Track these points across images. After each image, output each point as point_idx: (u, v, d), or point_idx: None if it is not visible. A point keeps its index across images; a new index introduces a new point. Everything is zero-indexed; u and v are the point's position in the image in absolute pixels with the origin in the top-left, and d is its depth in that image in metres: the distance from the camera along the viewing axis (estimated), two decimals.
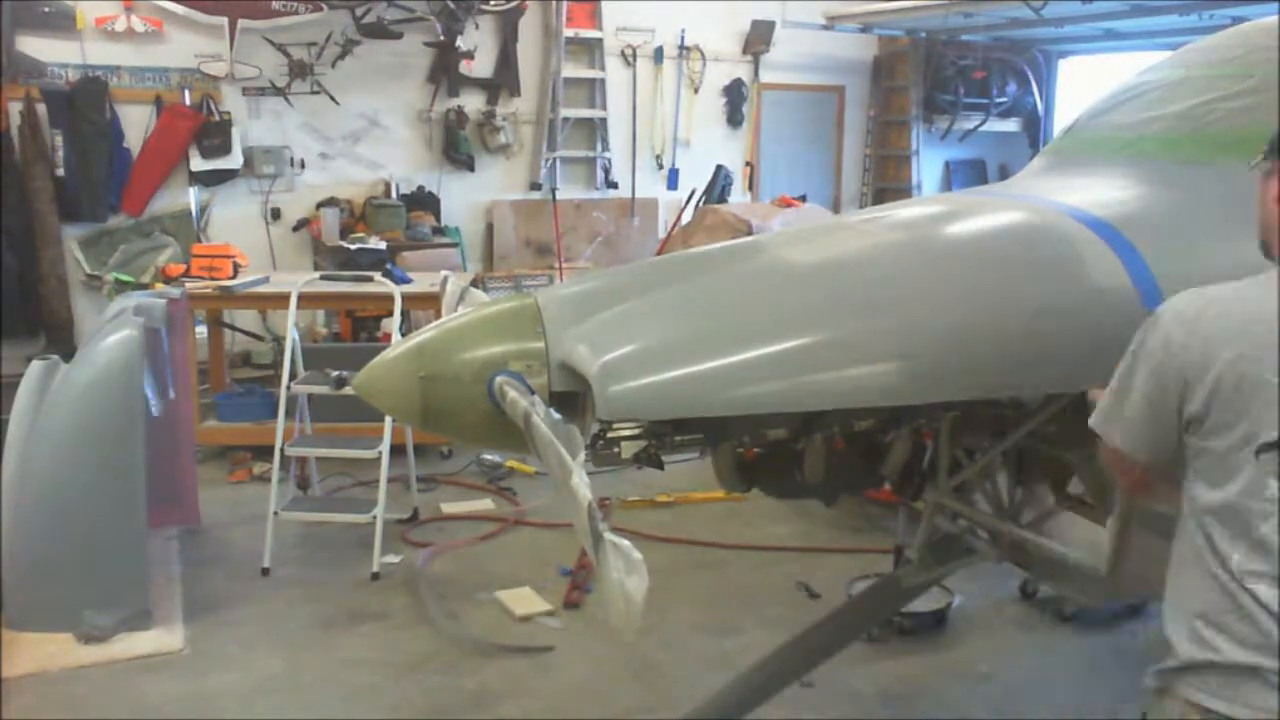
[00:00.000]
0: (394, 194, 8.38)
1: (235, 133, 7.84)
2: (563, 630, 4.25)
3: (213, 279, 6.35)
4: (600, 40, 9.19)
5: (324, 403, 6.17)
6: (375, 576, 4.69)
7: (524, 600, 4.48)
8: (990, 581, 4.51)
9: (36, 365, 4.33)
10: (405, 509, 5.52)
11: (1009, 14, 8.82)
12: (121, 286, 6.49)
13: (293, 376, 5.16)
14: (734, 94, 9.90)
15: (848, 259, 2.53)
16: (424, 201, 8.57)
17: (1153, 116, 2.89)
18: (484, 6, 8.53)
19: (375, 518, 4.80)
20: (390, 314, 7.23)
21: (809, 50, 10.10)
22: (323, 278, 5.98)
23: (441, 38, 8.27)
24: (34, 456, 4.11)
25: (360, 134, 8.44)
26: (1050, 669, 4.07)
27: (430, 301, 6.10)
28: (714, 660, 3.96)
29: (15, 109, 7.21)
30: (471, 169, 8.80)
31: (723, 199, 9.09)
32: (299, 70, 7.94)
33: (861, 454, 2.66)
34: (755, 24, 9.79)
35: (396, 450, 6.17)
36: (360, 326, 7.07)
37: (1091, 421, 1.90)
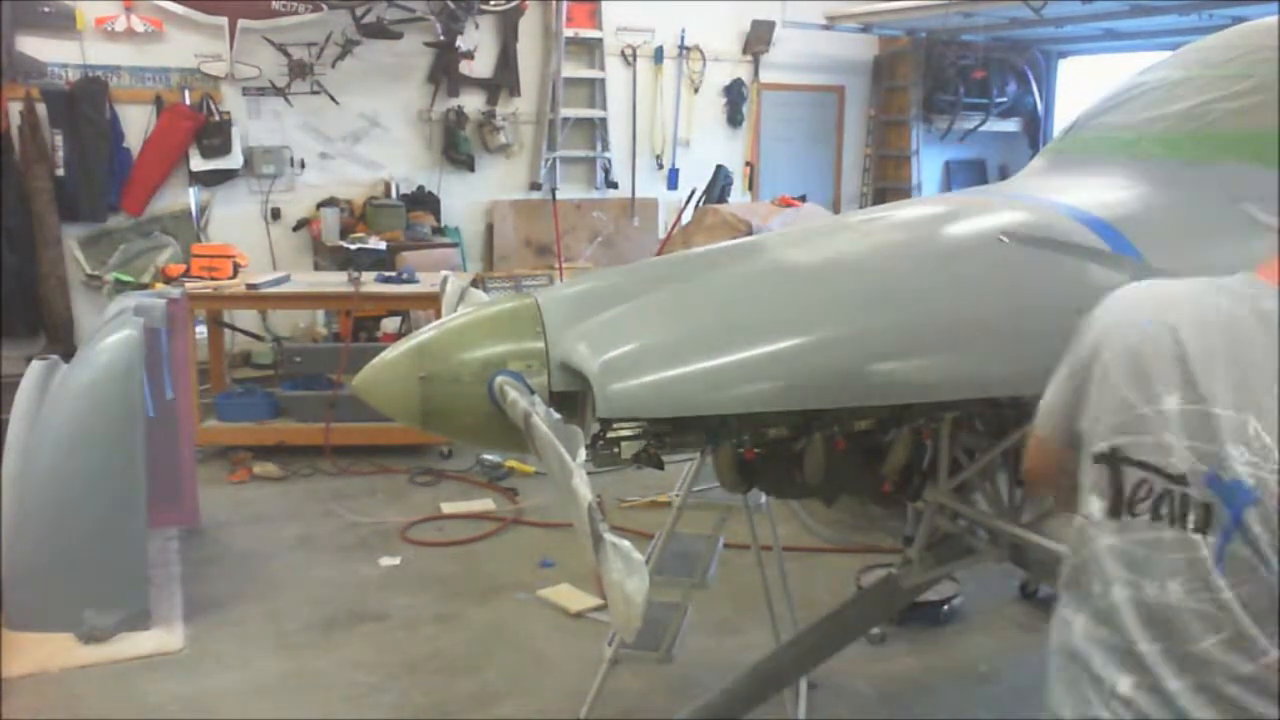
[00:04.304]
0: (394, 194, 8.38)
1: (235, 133, 7.84)
2: (563, 629, 4.26)
3: (213, 279, 6.36)
4: (600, 40, 9.19)
5: (323, 403, 6.20)
6: None
7: (571, 598, 4.49)
8: (990, 581, 4.51)
9: (36, 365, 4.33)
10: (406, 509, 5.53)
11: (1009, 14, 8.82)
12: (121, 286, 6.50)
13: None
14: (734, 94, 9.90)
15: (848, 259, 2.53)
16: (424, 201, 8.57)
17: (1153, 116, 2.89)
18: (484, 6, 8.53)
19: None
20: (389, 314, 7.27)
21: (809, 50, 10.10)
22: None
23: (441, 38, 8.27)
24: (34, 456, 4.11)
25: (360, 134, 8.44)
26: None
27: (430, 301, 6.11)
28: (714, 660, 3.96)
29: (15, 109, 7.21)
30: (471, 169, 8.81)
31: (723, 199, 9.10)
32: (299, 70, 7.94)
33: (861, 454, 2.66)
34: (755, 24, 9.79)
35: (396, 449, 6.22)
36: (360, 326, 7.07)
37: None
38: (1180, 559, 1.31)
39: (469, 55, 8.50)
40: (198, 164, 7.79)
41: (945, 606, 4.31)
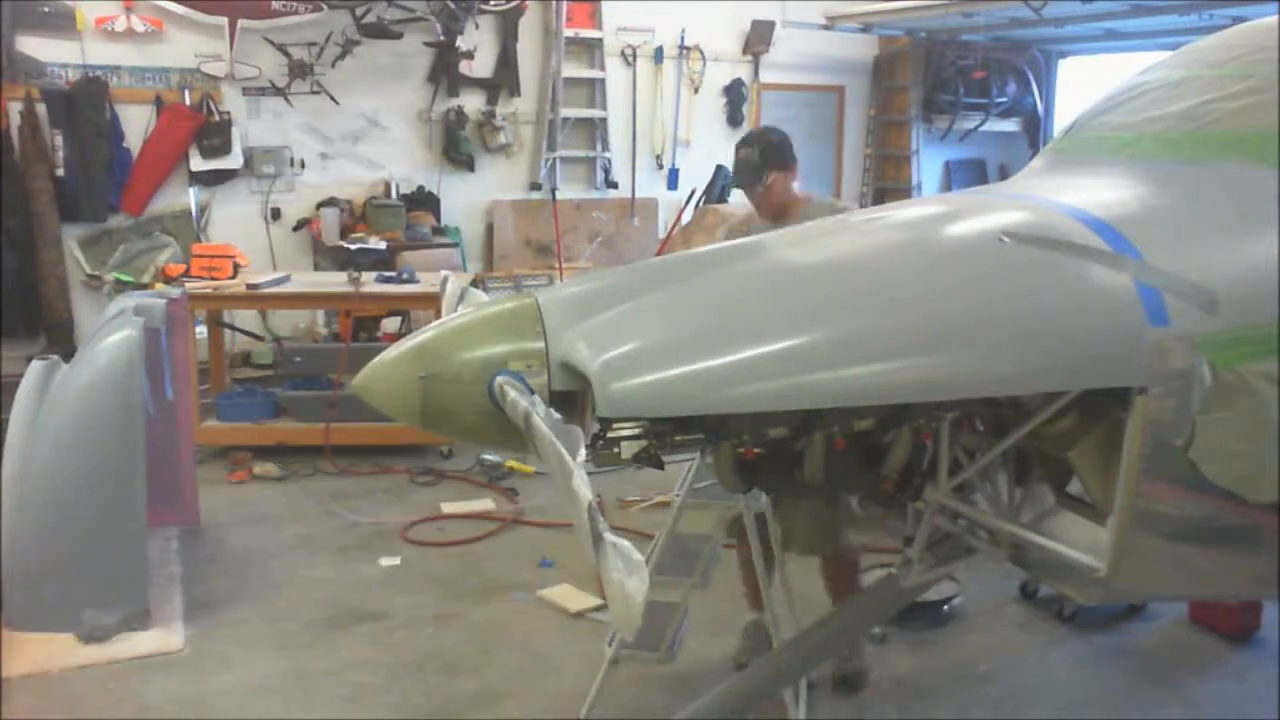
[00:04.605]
0: (394, 194, 8.38)
1: (235, 133, 7.84)
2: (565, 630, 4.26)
3: (213, 279, 6.36)
4: (600, 40, 9.19)
5: (323, 403, 6.19)
6: None
7: (572, 597, 4.48)
8: (990, 581, 4.51)
9: (36, 365, 4.33)
10: (406, 509, 5.53)
11: (1009, 14, 8.82)
12: (121, 286, 6.50)
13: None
14: (734, 94, 9.90)
15: (848, 259, 2.53)
16: (424, 201, 8.57)
17: (1153, 116, 2.88)
18: (484, 6, 8.53)
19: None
20: (389, 314, 7.27)
21: (809, 50, 10.10)
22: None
23: (441, 38, 8.27)
24: (34, 456, 4.11)
25: (360, 134, 8.44)
26: (1050, 669, 4.07)
27: (430, 301, 6.11)
28: (714, 660, 3.96)
29: (15, 109, 7.21)
30: (471, 169, 8.81)
31: (723, 199, 9.09)
32: (299, 70, 7.94)
33: (861, 454, 2.66)
34: (755, 24, 9.79)
35: (396, 449, 6.22)
36: (360, 326, 7.08)
37: None
38: None
39: (469, 55, 8.50)
40: (198, 164, 7.79)
41: (945, 606, 4.32)
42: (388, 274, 6.64)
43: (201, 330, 6.67)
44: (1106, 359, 2.29)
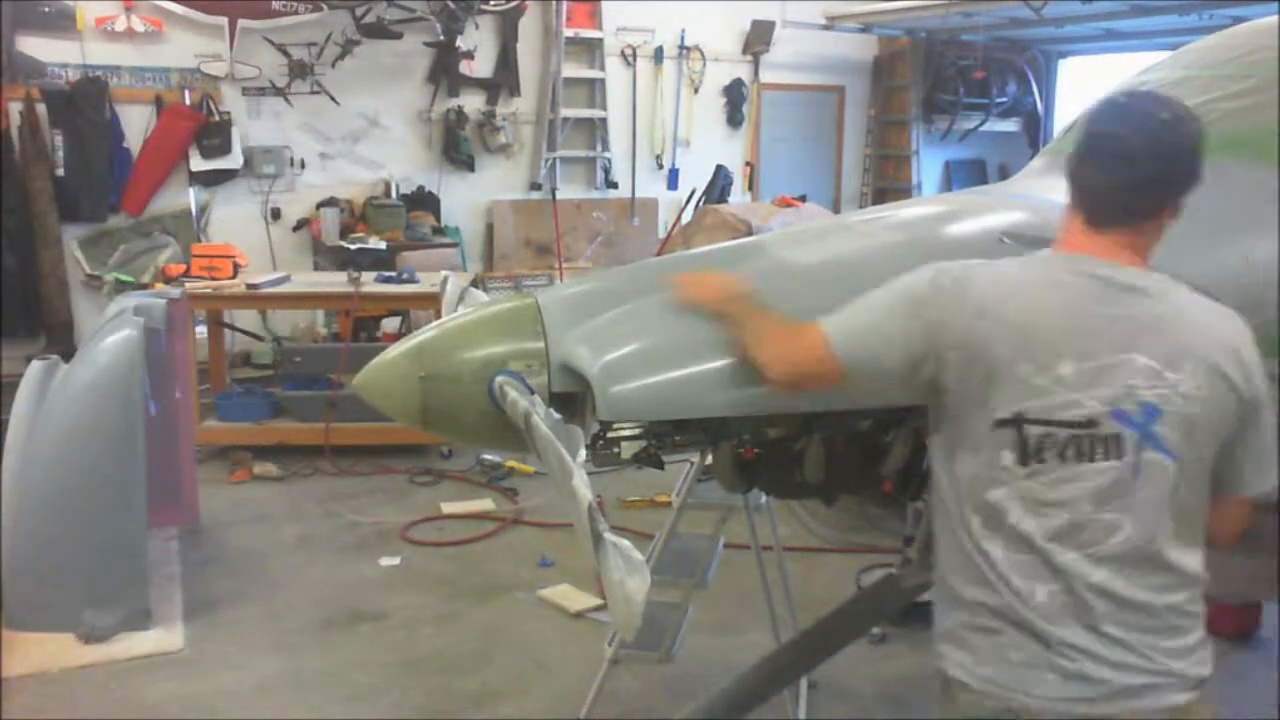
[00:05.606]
0: (394, 194, 8.38)
1: (235, 133, 7.85)
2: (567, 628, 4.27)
3: (213, 279, 6.36)
4: (600, 40, 9.20)
5: (323, 403, 6.20)
6: None
7: (572, 597, 4.48)
8: None
9: (36, 365, 4.33)
10: (406, 509, 5.52)
11: (1009, 14, 8.83)
12: (121, 286, 6.49)
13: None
14: (734, 94, 9.91)
15: (848, 259, 2.52)
16: (424, 201, 8.57)
17: None
18: (484, 6, 8.53)
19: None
20: (389, 314, 7.27)
21: (809, 50, 10.11)
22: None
23: (441, 38, 8.27)
24: (34, 456, 4.11)
25: (360, 134, 8.45)
26: None
27: (430, 301, 6.12)
28: (714, 660, 3.96)
29: (15, 109, 7.21)
30: (471, 169, 8.81)
31: (723, 199, 9.11)
32: (299, 70, 7.95)
33: (861, 454, 2.66)
34: (755, 24, 9.80)
35: (396, 449, 6.22)
36: (360, 326, 7.08)
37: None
38: (1090, 485, 1.74)
39: (469, 55, 8.51)
40: (198, 164, 7.80)
41: None
42: (388, 274, 6.64)
43: (201, 330, 6.67)
44: None
